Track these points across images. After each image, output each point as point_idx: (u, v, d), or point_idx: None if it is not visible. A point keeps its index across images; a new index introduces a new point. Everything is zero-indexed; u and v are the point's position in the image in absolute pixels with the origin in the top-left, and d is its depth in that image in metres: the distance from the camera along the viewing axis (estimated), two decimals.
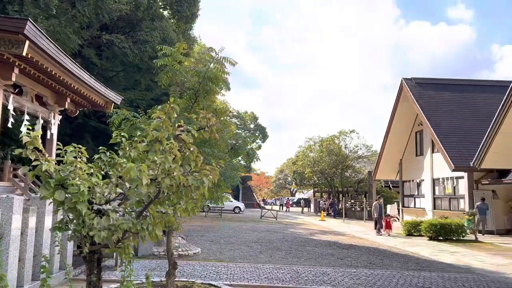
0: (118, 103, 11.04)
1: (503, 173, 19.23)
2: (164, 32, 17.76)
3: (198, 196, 3.13)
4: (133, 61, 17.72)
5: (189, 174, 3.07)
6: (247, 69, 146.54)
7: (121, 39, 17.44)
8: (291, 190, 72.83)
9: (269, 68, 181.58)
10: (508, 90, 16.21)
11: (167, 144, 3.01)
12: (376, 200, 19.78)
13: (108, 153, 3.40)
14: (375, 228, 19.29)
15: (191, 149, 3.12)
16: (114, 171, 3.26)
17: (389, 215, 19.13)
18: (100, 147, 3.39)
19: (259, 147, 56.31)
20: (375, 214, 19.14)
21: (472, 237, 16.90)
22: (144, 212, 3.08)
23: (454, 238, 16.37)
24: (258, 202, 51.27)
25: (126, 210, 3.16)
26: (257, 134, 55.39)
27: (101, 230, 2.77)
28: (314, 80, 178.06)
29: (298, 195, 73.60)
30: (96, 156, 3.37)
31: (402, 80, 25.22)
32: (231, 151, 6.60)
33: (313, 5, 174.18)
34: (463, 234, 16.56)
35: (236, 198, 45.69)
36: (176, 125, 3.28)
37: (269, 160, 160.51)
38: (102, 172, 3.31)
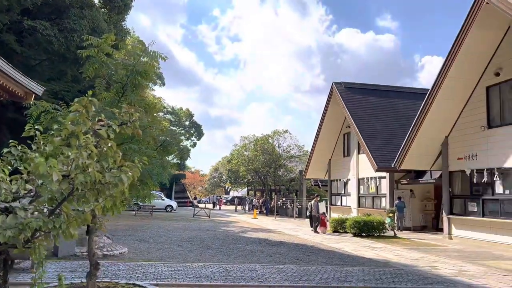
0: (40, 94, 10.32)
1: (419, 173, 20.84)
2: (94, 21, 16.87)
3: (117, 193, 3.01)
4: (59, 50, 16.64)
5: (107, 171, 2.94)
6: (184, 65, 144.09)
7: (45, 26, 16.29)
8: (226, 188, 72.99)
9: (205, 65, 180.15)
10: (425, 98, 17.60)
11: (83, 139, 2.86)
12: (314, 198, 20.35)
13: (20, 147, 3.15)
14: (311, 227, 19.66)
15: (109, 144, 2.99)
16: (26, 166, 3.03)
17: (324, 213, 19.80)
18: (11, 141, 3.13)
19: (194, 144, 55.77)
20: (313, 212, 19.43)
21: (391, 233, 18.11)
22: (58, 210, 2.90)
23: (376, 234, 17.42)
24: (192, 200, 50.66)
25: (37, 208, 2.96)
26: (192, 132, 54.73)
27: (6, 229, 2.56)
28: (249, 79, 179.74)
29: (233, 193, 73.94)
30: (5, 150, 3.10)
31: (332, 84, 26.35)
32: (161, 148, 6.43)
33: (248, 5, 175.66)
34: (384, 230, 17.68)
35: (169, 196, 44.78)
36: (96, 119, 3.13)
37: (204, 158, 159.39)
38: (10, 168, 3.06)
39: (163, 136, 6.91)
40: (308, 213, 20.06)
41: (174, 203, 37.39)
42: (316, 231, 18.85)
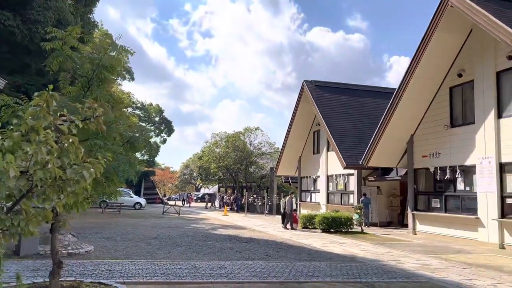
0: (1, 87, 9.93)
1: (386, 171, 21.42)
2: (59, 13, 16.32)
3: (79, 190, 2.94)
4: (22, 42, 16.02)
5: (68, 167, 2.87)
6: (154, 60, 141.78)
7: (7, 17, 15.62)
8: (196, 185, 72.57)
9: (176, 60, 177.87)
10: (392, 97, 18.06)
11: (43, 134, 2.77)
12: (289, 195, 20.52)
13: None
14: (283, 223, 19.80)
15: (71, 140, 2.91)
16: None
17: (295, 210, 20.00)
18: None
19: (164, 141, 55.07)
20: (286, 209, 19.54)
21: (359, 229, 18.52)
22: (17, 207, 2.80)
23: (344, 230, 17.78)
24: (161, 197, 50.07)
25: None
26: (162, 128, 54.01)
27: None
28: (220, 75, 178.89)
29: (203, 190, 73.65)
30: None
31: (303, 82, 26.63)
32: (127, 144, 6.33)
33: (220, 0, 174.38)
34: (352, 226, 18.07)
35: (138, 193, 44.07)
36: (58, 114, 3.04)
37: (175, 155, 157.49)
38: None
39: (130, 132, 6.79)
40: (282, 210, 20.12)
41: (143, 201, 36.89)
42: (286, 227, 19.02)
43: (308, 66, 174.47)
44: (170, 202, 44.25)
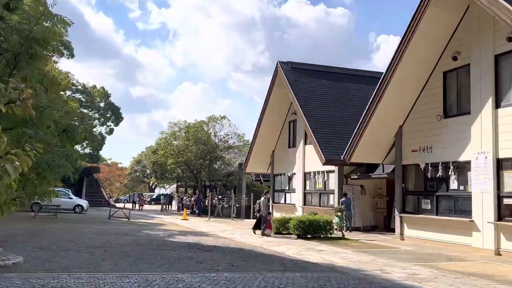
0: None
1: (371, 167, 21.83)
2: None
3: (2, 188, 2.86)
4: None
5: None
6: (99, 33, 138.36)
7: None
8: (150, 184, 71.92)
9: (126, 34, 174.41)
10: (379, 83, 18.37)
11: None
12: (263, 195, 20.55)
13: None
14: (258, 228, 19.49)
15: None
16: None
17: (269, 212, 20.14)
18: None
19: (111, 131, 54.09)
20: (261, 212, 19.50)
21: (339, 234, 18.88)
22: None
23: (322, 236, 18.10)
24: (107, 199, 49.33)
25: None
26: (108, 115, 52.98)
27: None
28: (179, 54, 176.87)
29: (158, 191, 73.10)
30: None
31: (277, 64, 26.71)
32: (64, 134, 6.17)
33: None
34: (331, 231, 18.41)
35: (78, 194, 43.24)
36: None
37: (124, 148, 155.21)
38: None
39: (68, 120, 6.64)
40: (257, 214, 20.09)
41: (84, 203, 36.42)
42: (263, 234, 18.94)
43: (284, 44, 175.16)
44: (118, 205, 43.73)
